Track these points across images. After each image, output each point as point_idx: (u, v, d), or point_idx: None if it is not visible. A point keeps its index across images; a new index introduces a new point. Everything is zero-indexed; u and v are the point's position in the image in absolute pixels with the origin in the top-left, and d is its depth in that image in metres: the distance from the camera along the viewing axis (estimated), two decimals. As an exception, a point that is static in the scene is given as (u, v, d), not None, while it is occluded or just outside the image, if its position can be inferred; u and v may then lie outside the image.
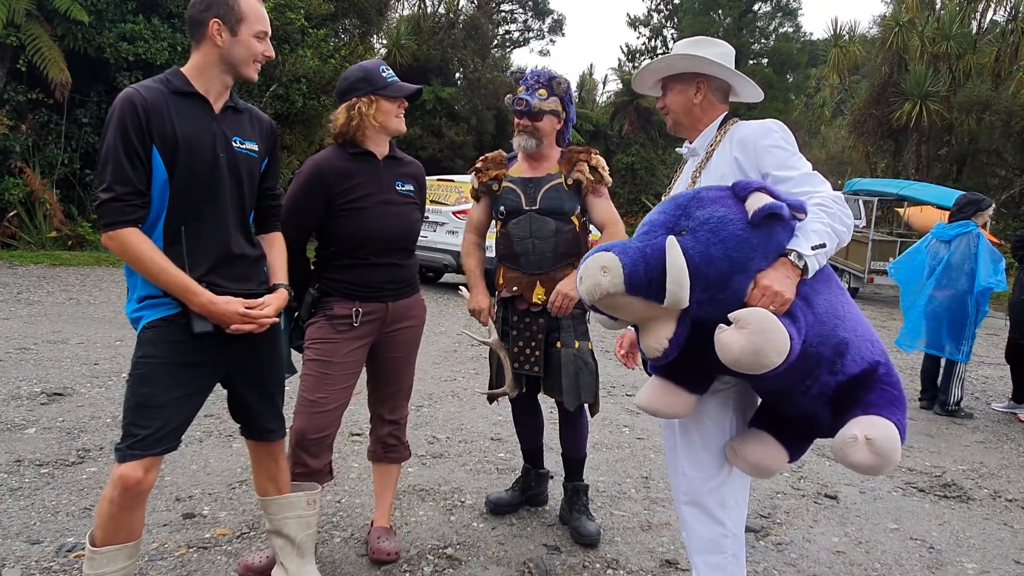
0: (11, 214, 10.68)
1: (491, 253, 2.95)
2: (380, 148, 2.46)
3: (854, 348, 1.68)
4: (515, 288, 2.80)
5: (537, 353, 2.77)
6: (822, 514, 3.32)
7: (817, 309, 1.67)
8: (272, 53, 2.04)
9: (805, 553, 2.90)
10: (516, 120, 2.80)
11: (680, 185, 2.12)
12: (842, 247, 1.75)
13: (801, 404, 1.74)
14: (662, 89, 2.14)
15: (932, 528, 3.26)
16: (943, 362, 5.46)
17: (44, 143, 11.13)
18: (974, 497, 3.71)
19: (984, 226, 5.45)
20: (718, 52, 2.05)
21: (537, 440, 3.09)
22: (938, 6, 19.48)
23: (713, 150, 2.01)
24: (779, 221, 1.63)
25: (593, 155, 2.83)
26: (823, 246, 1.66)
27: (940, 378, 5.50)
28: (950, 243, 5.27)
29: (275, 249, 2.17)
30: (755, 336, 1.51)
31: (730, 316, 1.56)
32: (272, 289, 2.08)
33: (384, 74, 2.40)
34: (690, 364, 1.74)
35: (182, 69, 1.94)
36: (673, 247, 1.56)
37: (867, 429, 1.58)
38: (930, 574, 2.81)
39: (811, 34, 29.25)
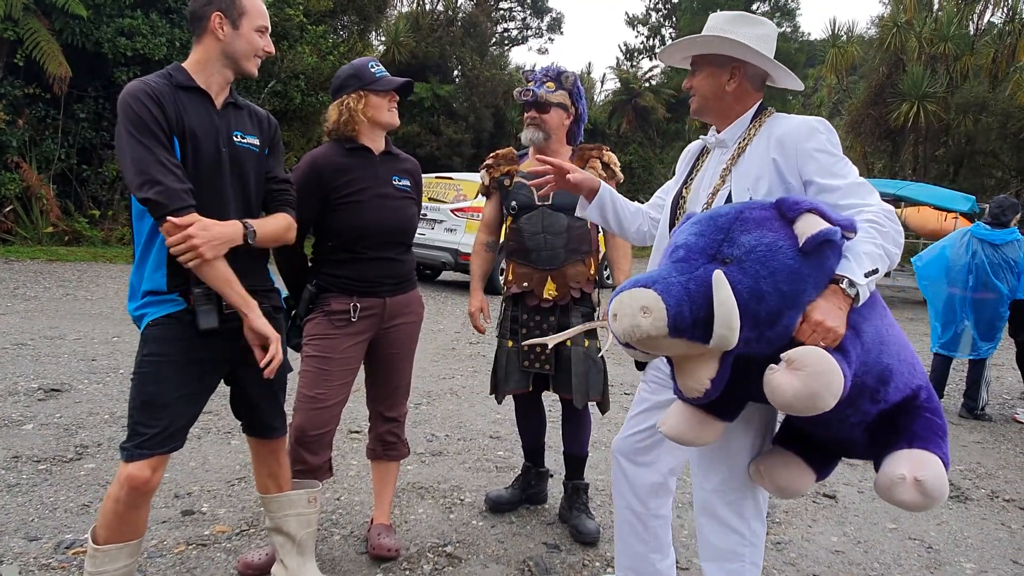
0: (7, 209, 10.64)
1: None
2: (376, 144, 2.47)
3: (897, 375, 1.58)
4: (525, 284, 2.80)
5: (548, 351, 2.77)
6: (821, 514, 3.33)
7: (864, 338, 1.53)
8: (272, 49, 2.04)
9: (804, 552, 2.91)
10: (524, 113, 2.82)
11: (705, 179, 1.91)
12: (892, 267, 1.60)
13: (838, 431, 1.64)
14: (692, 66, 1.91)
15: (930, 528, 3.27)
16: (967, 367, 5.53)
17: (41, 138, 11.09)
18: (972, 497, 3.72)
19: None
20: (759, 34, 1.82)
21: (539, 438, 3.09)
22: (936, 7, 19.51)
23: (746, 144, 1.81)
24: (831, 246, 1.48)
25: (605, 152, 2.87)
26: (876, 271, 1.51)
27: (967, 383, 5.54)
28: (999, 248, 5.21)
29: (273, 217, 2.08)
30: (811, 380, 1.38)
31: (782, 356, 1.43)
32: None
33: (373, 70, 2.42)
34: (724, 394, 1.57)
35: (183, 64, 1.93)
36: (722, 285, 1.39)
37: (916, 468, 1.49)
38: (928, 574, 2.82)
39: (809, 34, 29.36)
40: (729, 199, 1.79)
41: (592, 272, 2.83)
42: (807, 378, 1.38)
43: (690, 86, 1.91)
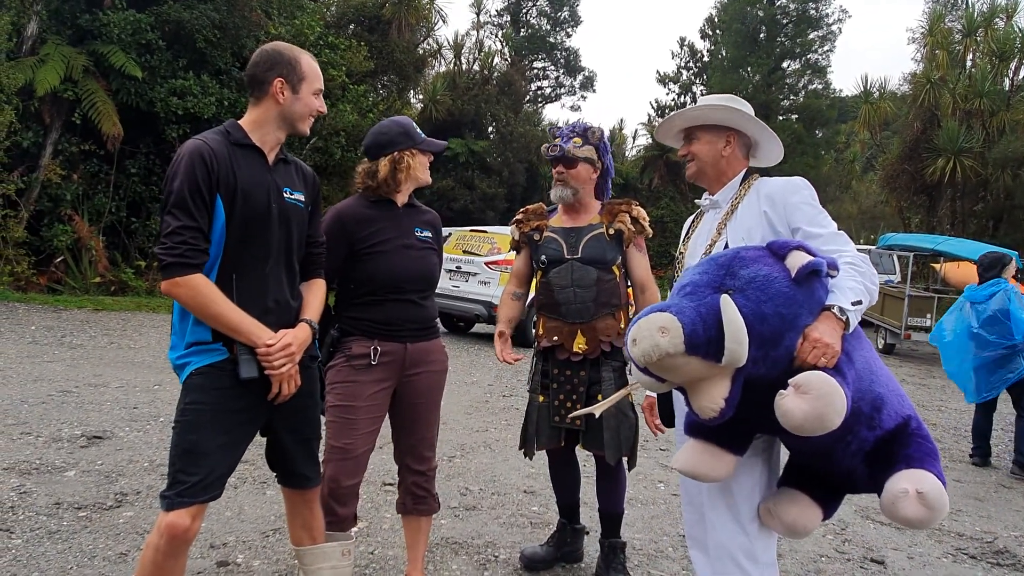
0: (58, 260, 11.05)
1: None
2: (402, 197, 2.55)
3: (889, 403, 1.74)
4: (556, 338, 2.80)
5: (579, 406, 2.75)
6: (868, 580, 3.20)
7: (857, 365, 1.70)
8: (324, 109, 2.14)
9: (852, 621, 2.79)
10: (553, 170, 2.87)
11: (701, 237, 2.15)
12: (871, 305, 1.80)
13: (840, 461, 1.76)
14: (685, 138, 2.19)
15: (986, 598, 3.11)
16: (1001, 418, 5.42)
17: (93, 192, 11.58)
18: (1029, 567, 3.54)
19: (1015, 279, 5.51)
20: (749, 110, 2.12)
21: (574, 495, 3.05)
22: (969, 64, 19.48)
23: (738, 203, 2.07)
24: (818, 278, 1.69)
25: (634, 206, 2.88)
26: (860, 303, 1.73)
27: (1015, 439, 5.40)
28: (986, 303, 5.29)
29: (313, 291, 2.20)
30: (817, 401, 1.53)
31: (790, 382, 1.58)
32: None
33: (418, 130, 2.55)
34: (733, 424, 1.70)
35: (240, 122, 2.03)
36: (729, 305, 1.56)
37: (917, 483, 1.62)
38: (987, 648, 2.68)
39: (841, 91, 29.22)
40: (726, 248, 1.97)
41: (622, 326, 2.82)
42: (814, 400, 1.54)
43: (687, 153, 2.18)
